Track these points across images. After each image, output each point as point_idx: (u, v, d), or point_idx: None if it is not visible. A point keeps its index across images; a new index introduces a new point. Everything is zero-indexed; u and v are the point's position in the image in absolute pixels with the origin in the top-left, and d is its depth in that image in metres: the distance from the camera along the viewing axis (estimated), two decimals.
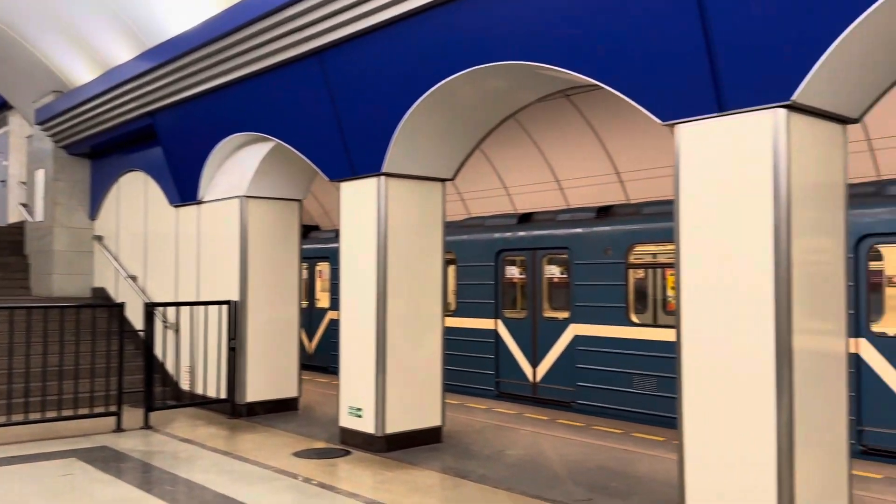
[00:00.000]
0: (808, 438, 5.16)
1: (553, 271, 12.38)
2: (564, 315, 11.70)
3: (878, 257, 8.62)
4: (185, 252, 11.72)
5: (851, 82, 5.32)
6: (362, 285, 8.40)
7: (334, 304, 14.44)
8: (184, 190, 11.65)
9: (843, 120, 5.59)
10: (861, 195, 8.51)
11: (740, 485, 5.23)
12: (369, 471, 7.57)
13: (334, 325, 11.58)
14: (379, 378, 8.18)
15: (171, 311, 11.45)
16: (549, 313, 12.09)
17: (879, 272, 8.68)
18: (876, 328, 8.36)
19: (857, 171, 11.54)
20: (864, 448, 8.23)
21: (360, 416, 8.39)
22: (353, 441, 8.48)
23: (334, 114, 8.59)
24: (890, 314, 8.59)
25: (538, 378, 11.94)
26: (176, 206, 12.00)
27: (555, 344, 11.69)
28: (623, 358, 10.60)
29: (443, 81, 7.42)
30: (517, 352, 12.25)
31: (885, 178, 10.99)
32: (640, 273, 11.32)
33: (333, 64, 8.46)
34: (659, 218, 10.32)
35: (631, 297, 10.81)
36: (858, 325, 8.31)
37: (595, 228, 11.30)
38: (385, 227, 8.21)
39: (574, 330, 11.33)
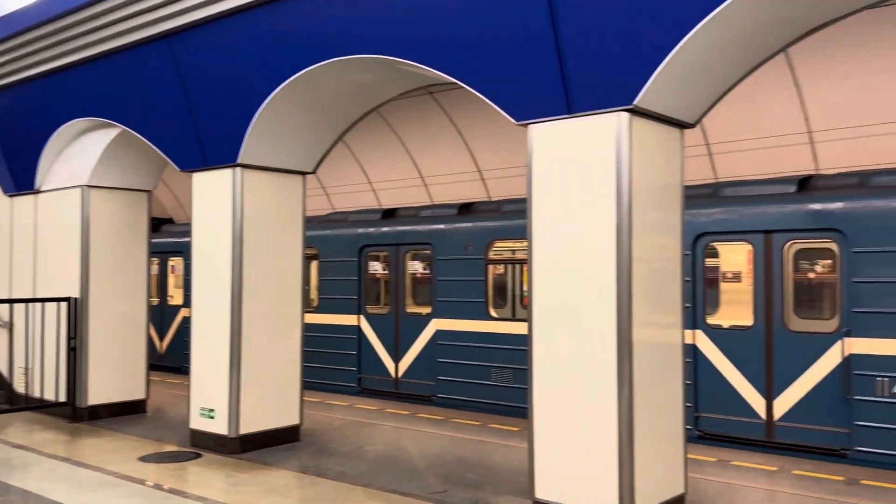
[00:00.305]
0: (647, 425, 5.45)
1: (416, 267, 12.46)
2: (427, 310, 11.80)
3: (714, 254, 9.26)
4: (21, 245, 10.85)
5: (688, 89, 5.66)
6: (216, 281, 8.08)
7: (188, 301, 13.85)
8: (19, 178, 10.78)
9: (681, 124, 5.94)
10: (698, 196, 9.11)
11: (585, 470, 5.46)
12: (221, 473, 7.30)
13: (188, 322, 11.10)
14: (233, 377, 7.90)
15: (4, 308, 10.57)
16: (411, 308, 12.15)
17: (715, 268, 9.32)
18: (711, 320, 8.97)
19: (698, 173, 12.39)
20: (701, 433, 8.82)
21: (212, 418, 8.08)
22: (204, 443, 8.16)
23: (185, 100, 8.20)
24: (724, 307, 9.24)
25: (400, 373, 11.98)
26: (10, 196, 11.09)
27: (417, 339, 11.77)
28: (482, 351, 10.82)
29: (302, 71, 7.27)
30: (380, 347, 12.24)
31: (721, 180, 11.85)
32: (500, 269, 11.60)
33: (184, 48, 8.08)
34: (518, 215, 10.60)
35: (490, 292, 11.05)
36: (695, 317, 8.89)
37: (456, 225, 11.46)
38: (241, 221, 7.93)
39: (436, 325, 11.45)
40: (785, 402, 8.28)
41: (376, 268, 12.75)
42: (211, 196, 8.21)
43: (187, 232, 15.04)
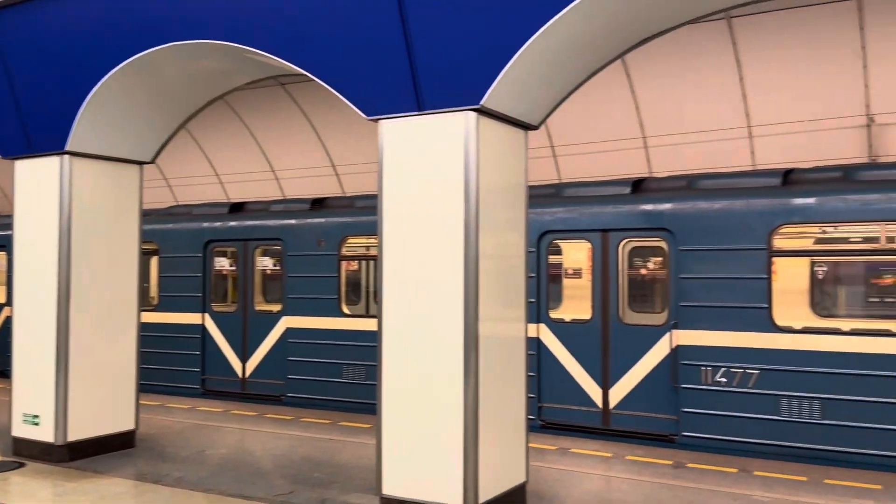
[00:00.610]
0: (491, 417, 5.59)
1: (266, 263, 12.12)
2: (277, 308, 11.51)
3: (557, 251, 9.66)
4: None
5: (532, 91, 5.85)
6: (41, 278, 7.47)
7: (11, 299, 12.73)
8: None
9: (525, 126, 6.14)
10: (543, 196, 9.46)
11: (430, 464, 5.52)
12: (47, 483, 6.78)
13: (11, 322, 10.21)
14: (60, 381, 7.34)
15: None
16: (261, 306, 11.82)
17: (558, 265, 9.72)
18: (554, 315, 9.35)
19: (543, 174, 12.90)
20: (543, 423, 9.17)
21: (36, 424, 7.47)
22: (29, 452, 7.54)
23: (7, 81, 7.52)
24: (566, 302, 9.66)
25: (248, 373, 11.62)
26: None
27: (266, 337, 11.46)
28: (335, 349, 10.70)
29: (139, 54, 6.89)
30: (226, 347, 11.80)
31: (564, 181, 12.39)
32: (354, 265, 11.52)
33: (7, 25, 7.40)
34: (372, 211, 10.50)
35: (343, 288, 10.94)
36: (539, 312, 9.23)
37: (309, 220, 11.26)
38: (69, 213, 7.38)
39: (286, 322, 11.19)
40: (619, 392, 8.77)
41: (223, 264, 12.28)
42: (36, 185, 7.58)
43: (10, 224, 13.83)
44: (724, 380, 8.07)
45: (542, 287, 9.29)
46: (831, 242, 8.11)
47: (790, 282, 8.08)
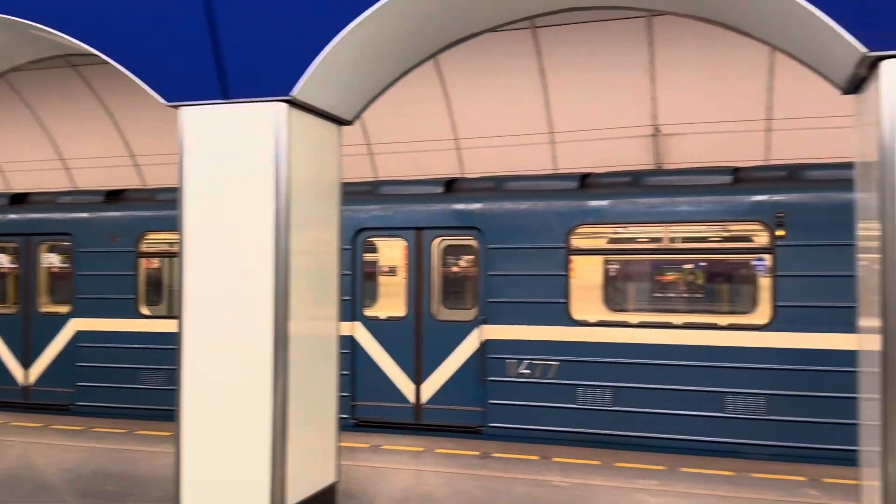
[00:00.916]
0: (301, 417, 5.44)
1: (52, 260, 11.07)
2: (65, 309, 10.55)
3: (373, 249, 9.65)
4: None
5: (344, 86, 5.77)
6: None
7: None
8: None
9: (339, 121, 6.05)
10: (358, 193, 9.42)
11: (236, 470, 5.28)
12: None
13: None
14: None
15: None
16: (46, 307, 10.77)
17: (374, 262, 9.72)
18: (369, 312, 9.33)
19: (359, 171, 12.87)
20: (357, 421, 9.12)
21: None
22: None
23: None
24: (382, 300, 9.68)
25: (31, 380, 10.55)
26: None
27: (52, 341, 10.47)
28: (132, 353, 9.99)
29: None
30: (5, 352, 10.65)
31: (380, 179, 12.43)
32: (154, 262, 10.81)
33: None
34: (174, 204, 9.92)
35: (142, 287, 10.24)
36: (354, 310, 9.18)
37: (102, 213, 10.43)
38: None
39: (76, 325, 10.30)
40: (431, 387, 8.93)
41: (1, 261, 11.07)
42: None
43: None
44: (527, 372, 8.47)
45: (358, 285, 9.25)
46: (621, 242, 8.78)
47: (586, 278, 8.63)
